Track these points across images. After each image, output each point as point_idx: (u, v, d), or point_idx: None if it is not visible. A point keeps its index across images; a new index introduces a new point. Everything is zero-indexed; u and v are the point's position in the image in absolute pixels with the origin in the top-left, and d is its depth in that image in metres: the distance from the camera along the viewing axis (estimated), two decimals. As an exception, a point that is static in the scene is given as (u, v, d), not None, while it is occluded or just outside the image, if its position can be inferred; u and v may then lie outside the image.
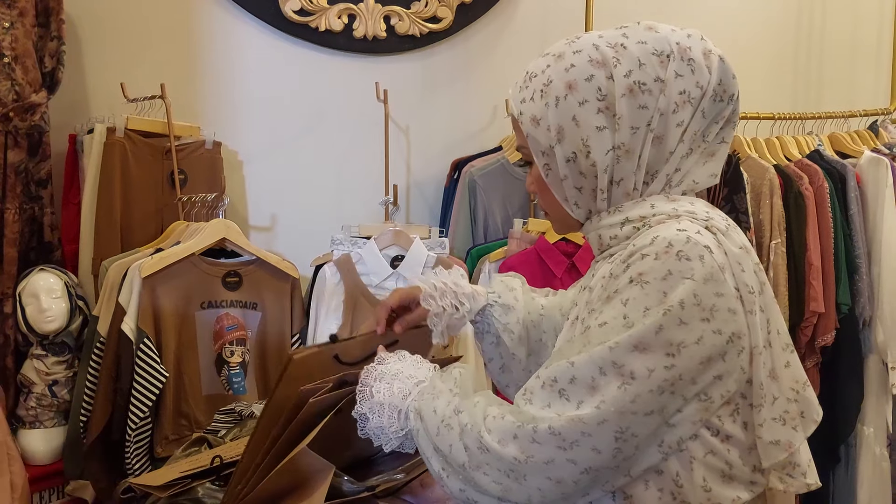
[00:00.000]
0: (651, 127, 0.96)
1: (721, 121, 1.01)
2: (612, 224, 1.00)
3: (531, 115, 1.00)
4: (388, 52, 2.59)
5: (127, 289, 1.95)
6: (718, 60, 0.99)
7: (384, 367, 1.05)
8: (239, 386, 2.08)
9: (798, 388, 0.98)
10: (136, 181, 2.18)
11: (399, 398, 1.01)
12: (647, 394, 0.88)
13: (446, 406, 0.98)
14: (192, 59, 2.44)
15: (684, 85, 0.97)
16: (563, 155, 0.98)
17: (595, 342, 0.90)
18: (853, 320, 2.34)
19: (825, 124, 2.59)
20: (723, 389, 0.92)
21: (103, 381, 1.95)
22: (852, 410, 2.37)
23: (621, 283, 0.91)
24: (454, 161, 2.60)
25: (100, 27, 2.34)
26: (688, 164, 1.00)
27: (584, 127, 0.97)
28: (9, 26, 2.00)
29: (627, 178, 0.98)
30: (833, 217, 2.31)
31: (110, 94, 2.27)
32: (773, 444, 0.94)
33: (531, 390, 0.94)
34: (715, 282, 0.89)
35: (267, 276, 2.12)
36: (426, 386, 1.02)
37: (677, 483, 0.93)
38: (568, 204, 1.02)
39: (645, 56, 0.97)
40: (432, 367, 1.06)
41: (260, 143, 2.51)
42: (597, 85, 0.96)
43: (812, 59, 3.12)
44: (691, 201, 0.99)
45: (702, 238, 0.91)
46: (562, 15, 2.71)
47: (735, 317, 0.91)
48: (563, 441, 0.89)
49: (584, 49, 0.98)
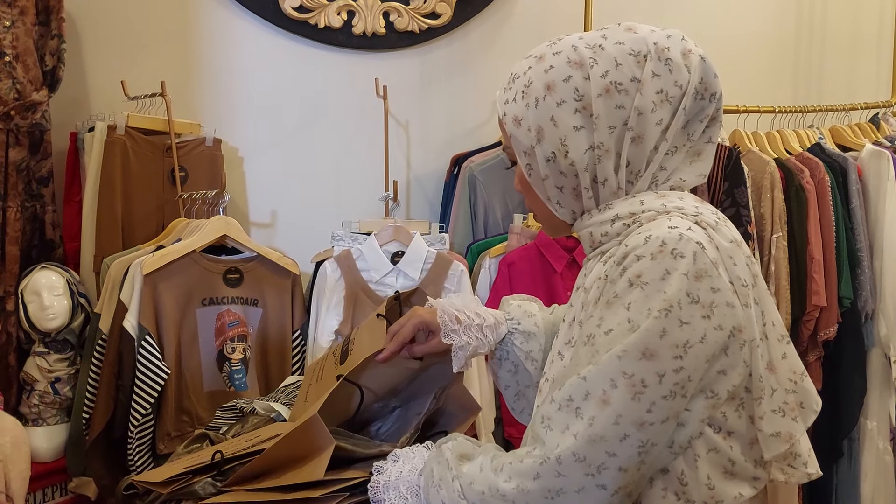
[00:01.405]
0: (628, 126, 0.97)
1: (705, 119, 1.01)
2: (603, 221, 1.00)
3: (513, 115, 1.01)
4: (388, 49, 2.59)
5: (128, 286, 1.96)
6: (699, 60, 1.00)
7: (384, 475, 1.05)
8: (240, 382, 2.09)
9: (796, 378, 0.98)
10: (136, 178, 2.18)
11: (413, 502, 1.01)
12: (661, 400, 0.88)
13: (453, 492, 0.96)
14: (192, 57, 2.44)
15: (661, 84, 0.97)
16: (543, 155, 1.00)
17: (603, 351, 0.90)
18: (855, 314, 2.33)
19: (826, 117, 2.58)
20: (728, 384, 0.92)
21: (105, 378, 1.96)
22: (855, 404, 2.37)
23: (620, 287, 0.91)
24: (454, 156, 2.61)
25: (100, 25, 2.35)
26: (673, 162, 1.01)
27: (562, 127, 0.98)
28: (10, 25, 2.00)
29: (610, 178, 0.99)
30: (835, 210, 2.30)
31: (111, 92, 2.27)
32: (773, 437, 0.94)
33: (548, 416, 0.92)
34: (710, 277, 0.90)
35: (268, 272, 2.12)
36: (427, 474, 1.01)
37: (682, 481, 0.94)
38: (551, 203, 1.03)
39: (622, 56, 0.98)
40: (423, 448, 1.07)
41: (260, 139, 2.51)
42: (574, 85, 0.97)
43: (813, 52, 3.11)
44: (680, 196, 1.00)
45: (693, 234, 0.91)
46: (560, 10, 2.70)
47: (733, 311, 0.91)
48: (589, 467, 0.88)
49: (564, 50, 1.00)
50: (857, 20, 3.11)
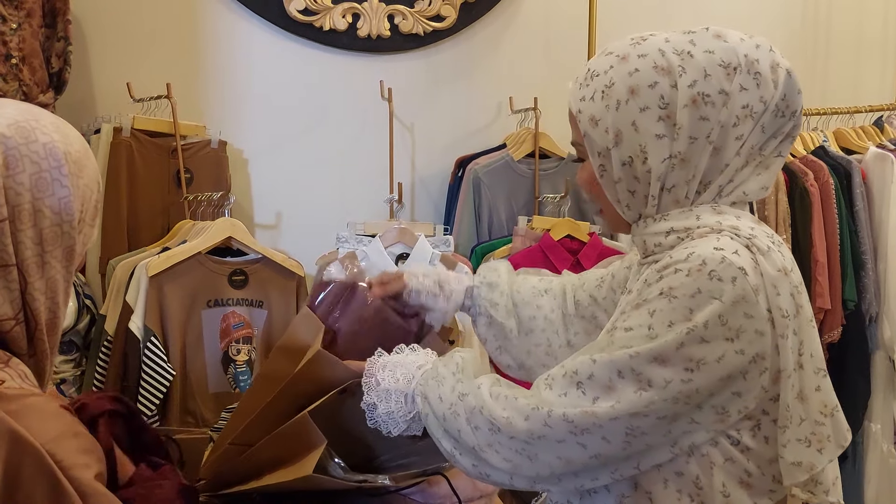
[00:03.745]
0: (710, 139, 0.95)
1: (780, 136, 1.00)
2: (658, 232, 0.99)
3: (590, 114, 0.99)
4: (393, 51, 2.59)
5: (134, 287, 1.96)
6: (786, 75, 0.98)
7: (385, 358, 1.09)
8: (245, 384, 2.09)
9: (826, 412, 0.96)
10: (142, 180, 2.19)
11: (404, 383, 1.05)
12: (661, 402, 0.90)
13: (451, 392, 1.00)
14: (197, 59, 2.45)
15: (748, 99, 0.95)
16: (619, 158, 0.98)
17: (618, 345, 0.92)
18: (859, 316, 2.33)
19: (830, 120, 2.58)
20: (740, 405, 0.92)
21: (111, 379, 1.96)
22: (859, 407, 2.37)
23: (652, 293, 0.92)
24: (458, 159, 2.61)
25: (106, 28, 2.36)
26: (741, 176, 0.99)
27: (643, 133, 0.96)
28: (16, 27, 2.01)
29: (680, 187, 0.97)
30: (838, 213, 2.30)
31: (116, 94, 2.28)
32: (794, 465, 0.93)
33: (553, 376, 0.97)
34: (746, 303, 0.89)
35: (273, 274, 2.13)
36: (429, 370, 1.05)
37: (697, 485, 0.94)
38: (620, 206, 1.02)
39: (711, 67, 0.95)
40: (432, 353, 1.10)
41: (265, 141, 2.52)
42: (660, 92, 0.95)
43: (817, 55, 3.11)
44: (738, 215, 0.98)
45: (737, 259, 0.90)
46: (565, 12, 2.71)
47: (762, 338, 0.90)
48: (575, 428, 0.92)
49: (650, 53, 0.96)
50: (861, 23, 3.11)
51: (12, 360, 0.84)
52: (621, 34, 1.03)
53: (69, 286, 0.90)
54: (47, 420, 0.79)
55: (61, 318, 0.89)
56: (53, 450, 0.76)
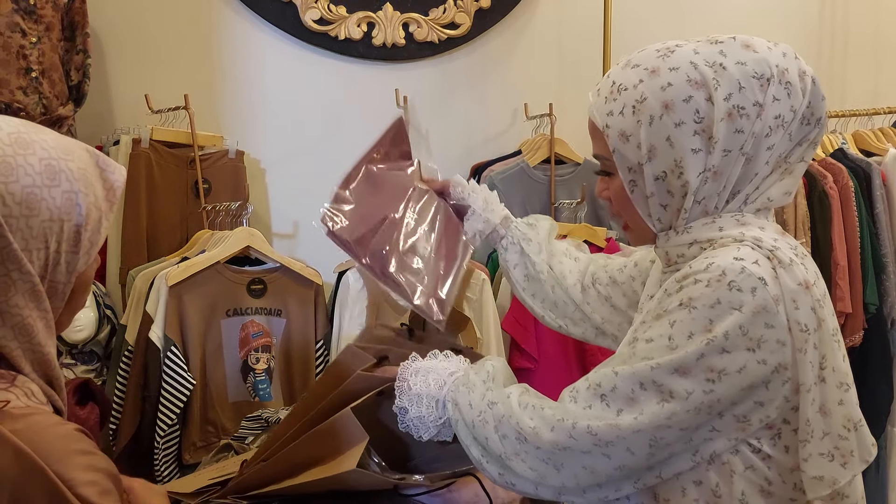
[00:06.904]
0: (743, 150, 0.95)
1: (805, 143, 0.99)
2: (681, 244, 0.99)
3: (620, 129, 0.98)
4: (408, 59, 2.60)
5: (154, 297, 1.98)
6: (811, 83, 0.97)
7: (418, 363, 1.10)
8: (265, 393, 2.10)
9: (850, 426, 0.95)
10: (161, 191, 2.21)
11: (435, 388, 1.06)
12: (683, 413, 0.90)
13: (481, 400, 1.02)
14: (214, 70, 2.47)
15: (780, 109, 0.95)
16: (652, 173, 0.97)
17: (639, 357, 0.93)
18: (881, 320, 2.31)
19: (849, 122, 2.56)
20: (762, 415, 0.92)
21: (132, 389, 1.98)
22: (882, 412, 2.34)
23: (672, 304, 0.92)
24: (474, 165, 2.61)
25: (124, 40, 2.38)
26: (767, 183, 0.99)
27: (679, 148, 0.95)
28: (36, 41, 2.03)
29: (710, 198, 0.97)
30: (858, 216, 2.28)
31: (135, 106, 2.30)
32: (816, 480, 0.93)
33: (577, 389, 0.98)
34: (767, 313, 0.89)
35: (291, 283, 2.14)
36: (461, 377, 1.06)
37: (716, 493, 0.94)
38: (651, 220, 1.01)
39: (745, 79, 0.94)
40: (464, 360, 1.12)
41: (282, 151, 2.53)
42: (695, 107, 0.94)
43: (835, 57, 3.09)
44: (762, 226, 0.97)
45: (757, 269, 0.90)
46: (579, 19, 2.71)
47: (784, 348, 0.90)
48: (599, 440, 0.93)
49: (682, 67, 0.95)
50: (879, 25, 3.09)
51: (18, 378, 0.83)
52: (636, 40, 1.02)
53: (51, 323, 0.85)
54: (53, 438, 0.78)
55: (51, 353, 0.86)
56: (60, 468, 0.76)
